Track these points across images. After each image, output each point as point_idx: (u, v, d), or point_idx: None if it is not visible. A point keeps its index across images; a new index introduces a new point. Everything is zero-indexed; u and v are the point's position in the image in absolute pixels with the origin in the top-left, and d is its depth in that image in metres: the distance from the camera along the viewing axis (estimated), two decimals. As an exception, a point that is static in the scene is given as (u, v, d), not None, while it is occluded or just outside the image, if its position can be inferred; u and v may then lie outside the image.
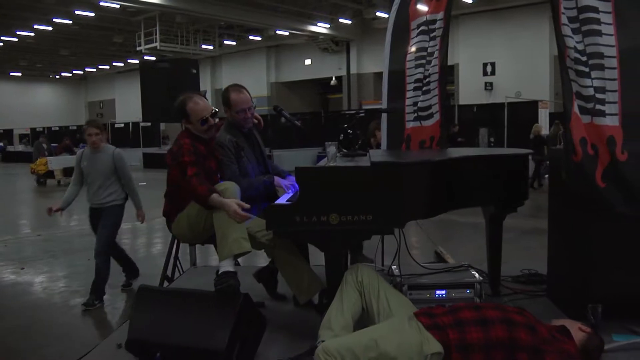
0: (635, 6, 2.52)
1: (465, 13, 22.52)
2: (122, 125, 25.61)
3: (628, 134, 2.54)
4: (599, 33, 2.54)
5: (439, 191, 2.64)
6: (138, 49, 24.70)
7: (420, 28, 3.69)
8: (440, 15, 3.62)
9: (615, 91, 2.54)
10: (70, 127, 28.97)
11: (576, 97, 2.59)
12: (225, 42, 29.08)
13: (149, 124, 23.81)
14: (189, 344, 2.35)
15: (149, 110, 4.00)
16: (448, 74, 22.94)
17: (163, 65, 3.88)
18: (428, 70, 3.64)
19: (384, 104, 4.06)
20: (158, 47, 23.89)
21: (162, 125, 26.14)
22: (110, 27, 25.89)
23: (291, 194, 2.88)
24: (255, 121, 3.33)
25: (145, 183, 15.11)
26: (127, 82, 37.30)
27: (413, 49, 3.73)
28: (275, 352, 2.46)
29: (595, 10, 2.54)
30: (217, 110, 3.01)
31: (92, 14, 22.89)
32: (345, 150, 3.12)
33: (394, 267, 3.25)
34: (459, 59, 24.11)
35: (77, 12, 22.41)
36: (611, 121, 2.55)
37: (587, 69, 2.57)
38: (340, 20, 25.52)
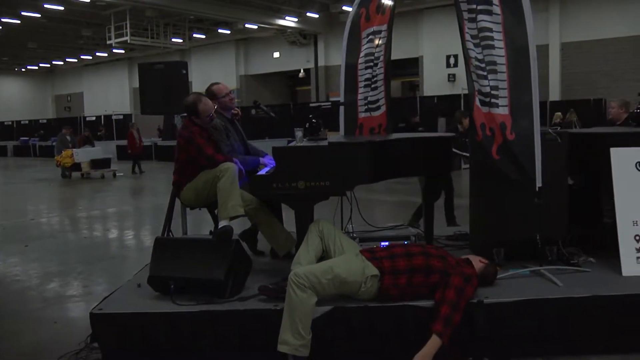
0: (519, 25, 3.43)
1: (429, 7, 23.55)
2: (94, 118, 25.89)
3: (515, 120, 3.47)
4: (493, 47, 3.45)
5: (379, 164, 3.53)
6: (108, 42, 24.97)
7: (369, 37, 4.58)
8: (384, 27, 4.52)
9: (505, 89, 3.46)
10: (40, 121, 29.04)
11: (477, 94, 3.52)
12: (195, 35, 29.42)
13: (121, 116, 24.24)
14: (196, 276, 3.20)
15: (147, 104, 4.77)
16: (412, 66, 23.83)
17: (159, 67, 4.66)
18: (375, 71, 4.54)
19: (341, 97, 4.92)
20: (129, 41, 24.23)
21: (132, 118, 26.51)
22: (79, 20, 26.02)
23: (269, 168, 3.74)
24: (235, 111, 4.23)
25: (122, 174, 15.72)
26: (95, 75, 37.24)
27: (363, 53, 4.61)
28: (258, 284, 3.31)
29: (490, 30, 3.45)
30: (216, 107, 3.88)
31: (62, 8, 23.08)
32: (310, 136, 4.00)
33: (349, 225, 4.15)
34: (423, 52, 25.13)
35: (46, 6, 22.56)
36: (503, 111, 3.47)
37: (485, 73, 3.49)
38: (308, 14, 26.24)
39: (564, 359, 3.11)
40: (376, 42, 4.54)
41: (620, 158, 3.68)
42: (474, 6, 3.49)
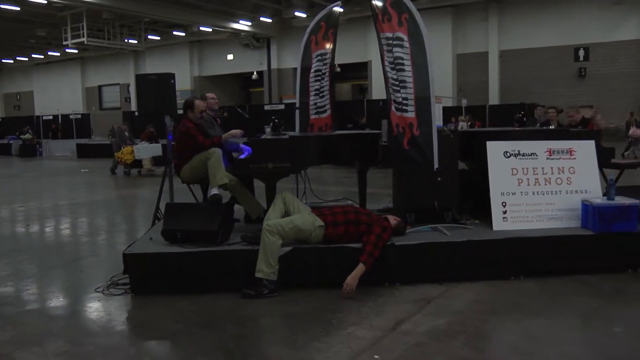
0: (421, 54, 4.91)
1: (375, 15, 25.22)
2: (51, 117, 26.24)
3: (419, 121, 4.95)
4: (404, 70, 4.93)
5: (324, 152, 4.98)
6: (65, 43, 25.44)
7: (318, 57, 6.03)
8: (329, 49, 5.97)
9: (412, 100, 4.94)
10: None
11: (393, 102, 5.00)
12: (150, 37, 30.10)
13: (79, 116, 24.82)
14: (196, 228, 4.53)
15: (143, 107, 6.00)
16: (362, 70, 25.35)
17: (152, 77, 5.90)
18: (322, 83, 5.99)
19: (297, 99, 6.34)
20: (85, 42, 24.81)
21: (90, 118, 27.04)
22: (34, 20, 26.30)
23: (246, 154, 5.09)
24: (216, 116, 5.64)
25: (87, 170, 16.57)
26: (46, 74, 37.08)
27: (313, 69, 6.06)
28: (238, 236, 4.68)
29: (402, 58, 4.93)
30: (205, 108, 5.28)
31: (18, 8, 23.42)
32: (275, 131, 5.39)
33: (304, 199, 5.57)
34: (371, 57, 26.75)
35: (2, 6, 22.86)
36: (411, 115, 4.95)
37: (398, 88, 4.96)
38: (261, 18, 27.43)
39: (451, 283, 4.58)
40: (317, 65, 6.02)
41: (493, 149, 5.25)
42: (391, 41, 4.96)
